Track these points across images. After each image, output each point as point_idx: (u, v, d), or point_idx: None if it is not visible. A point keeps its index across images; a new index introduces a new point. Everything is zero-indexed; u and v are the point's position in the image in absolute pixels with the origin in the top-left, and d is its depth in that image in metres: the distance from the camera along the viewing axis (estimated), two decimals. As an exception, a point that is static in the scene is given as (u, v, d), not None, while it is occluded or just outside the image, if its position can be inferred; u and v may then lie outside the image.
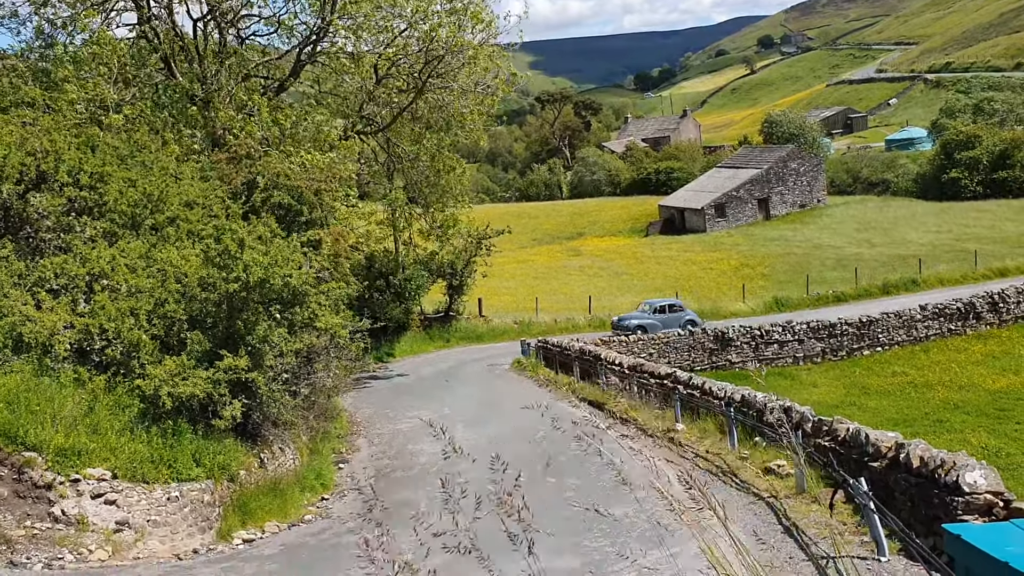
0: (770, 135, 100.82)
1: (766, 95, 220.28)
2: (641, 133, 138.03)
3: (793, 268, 57.97)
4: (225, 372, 14.60)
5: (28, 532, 11.36)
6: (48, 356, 14.13)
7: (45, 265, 15.60)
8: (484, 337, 41.26)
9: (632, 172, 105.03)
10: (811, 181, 78.37)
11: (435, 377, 32.27)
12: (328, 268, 19.71)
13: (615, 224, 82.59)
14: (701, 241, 69.55)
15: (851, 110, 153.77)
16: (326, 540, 13.17)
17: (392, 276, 37.79)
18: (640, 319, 40.22)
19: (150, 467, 12.94)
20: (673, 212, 78.89)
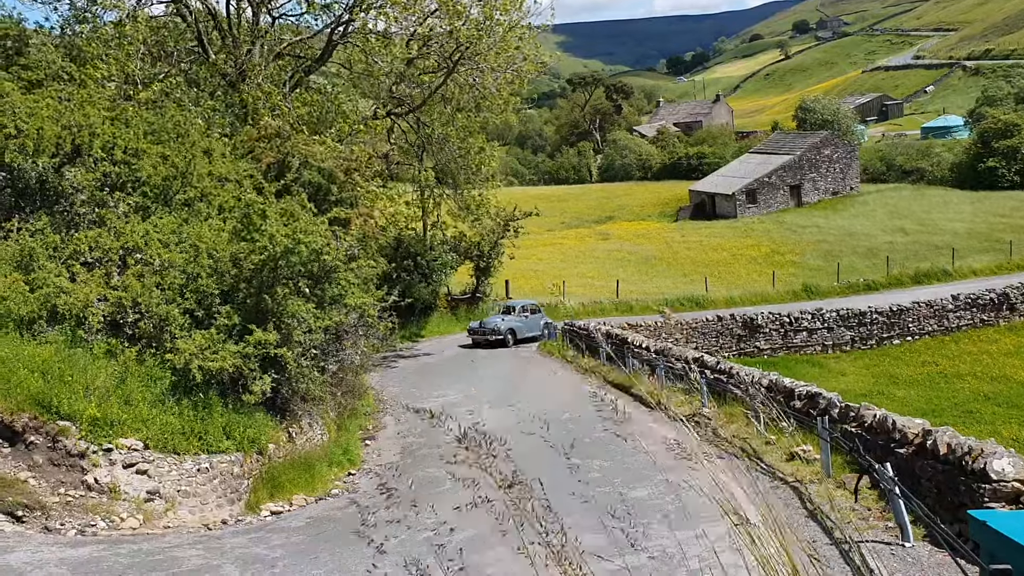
0: (803, 121, 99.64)
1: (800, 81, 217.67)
2: (673, 117, 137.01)
3: (824, 256, 57.43)
4: (255, 347, 14.78)
5: (62, 499, 11.60)
6: (82, 328, 14.38)
7: (80, 238, 15.84)
8: (511, 319, 41.34)
9: (663, 156, 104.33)
10: (844, 168, 77.45)
11: (461, 358, 32.41)
12: (357, 247, 19.82)
13: (645, 208, 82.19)
14: (731, 227, 69.04)
15: (886, 97, 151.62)
16: (353, 514, 13.31)
17: (420, 257, 37.92)
18: (511, 322, 36.09)
19: (181, 438, 13.15)
20: (704, 197, 78.35)
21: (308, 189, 21.67)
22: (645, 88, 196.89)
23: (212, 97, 26.43)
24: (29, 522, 11.04)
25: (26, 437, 12.21)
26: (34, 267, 15.00)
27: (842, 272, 50.38)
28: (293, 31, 32.48)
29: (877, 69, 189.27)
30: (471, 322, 37.43)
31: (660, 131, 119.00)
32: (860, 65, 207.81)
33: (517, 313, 36.72)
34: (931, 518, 8.21)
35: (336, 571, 9.92)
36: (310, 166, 22.54)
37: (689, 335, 36.73)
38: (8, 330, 13.99)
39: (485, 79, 30.13)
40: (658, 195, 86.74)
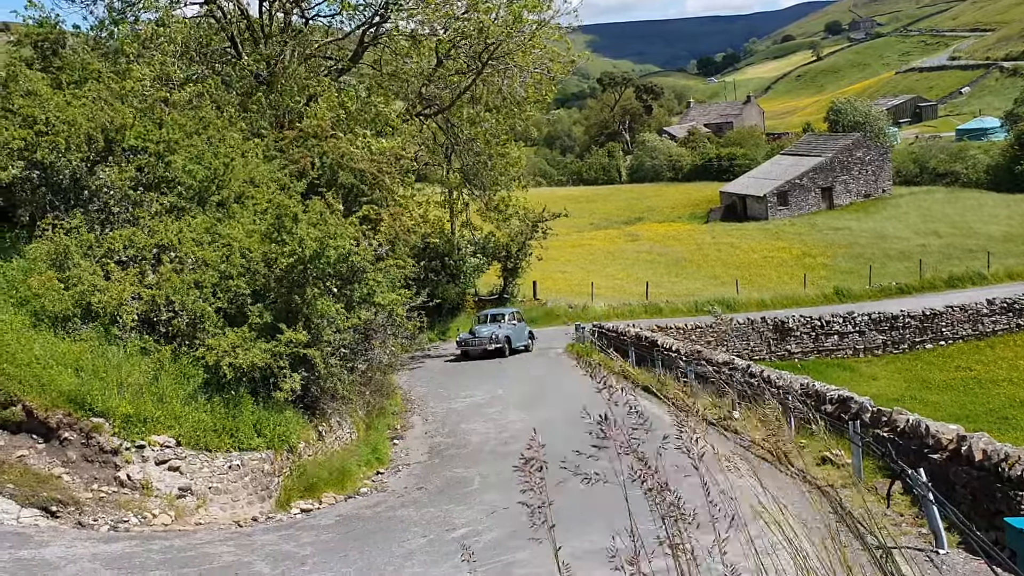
0: (835, 123, 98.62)
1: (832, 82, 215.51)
2: (703, 118, 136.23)
3: (856, 259, 56.85)
4: (285, 345, 14.88)
5: (95, 495, 11.74)
6: (116, 325, 14.56)
7: (114, 237, 16.04)
8: (538, 320, 41.27)
9: (693, 157, 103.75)
10: (876, 171, 76.58)
11: (489, 359, 32.43)
12: (386, 247, 19.91)
13: (675, 210, 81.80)
14: (763, 229, 68.52)
15: (920, 98, 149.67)
16: (381, 512, 13.37)
17: (447, 257, 38.02)
18: (506, 329, 33.22)
19: (213, 436, 13.27)
20: (734, 199, 77.84)
21: (340, 190, 21.80)
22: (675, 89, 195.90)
23: (246, 98, 26.66)
24: (63, 517, 11.18)
25: (60, 433, 12.38)
26: (68, 265, 15.20)
27: (874, 275, 49.84)
28: (324, 32, 32.68)
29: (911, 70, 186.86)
30: (460, 333, 34.81)
31: (690, 132, 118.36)
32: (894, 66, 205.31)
33: (506, 321, 33.89)
34: (966, 525, 8.08)
35: (366, 569, 9.95)
36: (343, 166, 22.68)
37: (720, 338, 36.49)
38: (43, 327, 14.19)
39: (513, 79, 30.15)
40: (688, 196, 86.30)
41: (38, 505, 11.17)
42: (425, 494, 14.51)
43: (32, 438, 12.31)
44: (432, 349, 35.35)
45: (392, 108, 29.78)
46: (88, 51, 26.35)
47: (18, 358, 13.00)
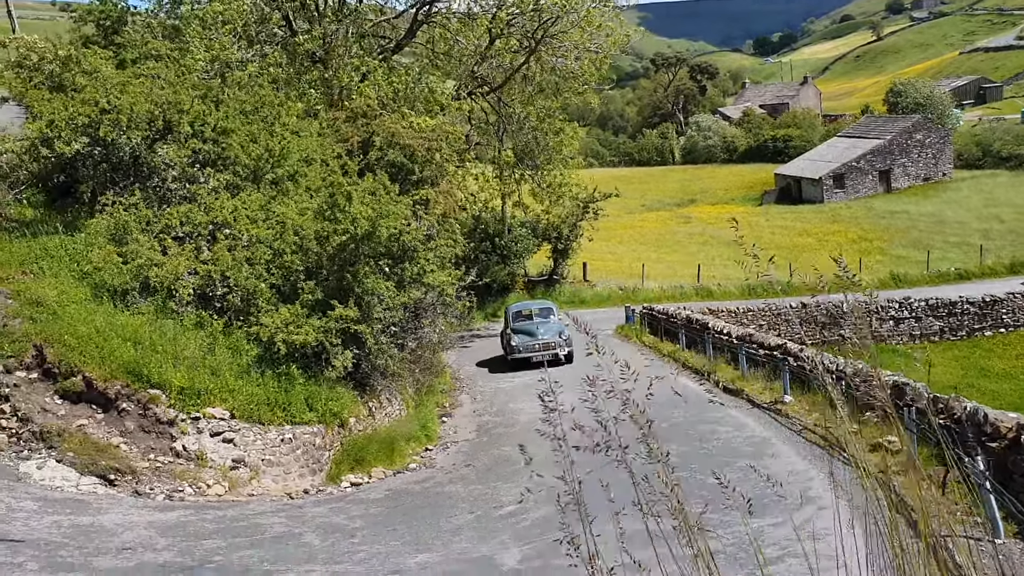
0: (895, 105, 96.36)
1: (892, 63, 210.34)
2: (759, 99, 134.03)
3: (913, 243, 55.64)
4: (336, 322, 15.04)
5: (151, 464, 12.03)
6: (172, 300, 14.87)
7: (171, 213, 16.34)
8: (588, 302, 41.15)
9: (748, 139, 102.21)
10: (937, 154, 74.70)
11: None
12: (437, 226, 19.99)
13: (728, 192, 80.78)
14: (818, 212, 67.35)
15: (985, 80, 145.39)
16: (430, 488, 13.49)
17: (498, 237, 38.03)
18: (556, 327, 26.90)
19: (265, 409, 13.50)
20: (789, 181, 76.60)
21: (390, 168, 21.91)
22: (730, 69, 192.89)
23: (300, 77, 26.89)
24: (120, 486, 11.48)
25: (119, 404, 12.69)
26: (127, 240, 15.54)
27: (932, 260, 48.74)
28: (378, 11, 32.77)
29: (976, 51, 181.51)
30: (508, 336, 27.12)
31: (745, 113, 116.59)
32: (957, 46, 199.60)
33: (539, 316, 27.53)
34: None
35: (413, 543, 10.06)
36: (394, 145, 22.79)
37: (772, 322, 36.04)
38: (103, 300, 14.54)
39: (567, 57, 29.94)
40: (742, 178, 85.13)
41: (97, 473, 11.48)
42: (473, 471, 14.61)
43: (92, 408, 12.64)
44: (482, 329, 35.44)
45: (444, 87, 29.80)
46: (149, 30, 26.78)
47: (79, 330, 13.36)
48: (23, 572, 8.14)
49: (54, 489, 10.92)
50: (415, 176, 22.98)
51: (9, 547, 8.74)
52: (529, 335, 26.55)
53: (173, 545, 9.31)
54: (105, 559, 8.71)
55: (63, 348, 13.04)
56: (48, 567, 8.34)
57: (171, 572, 8.46)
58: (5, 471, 11.12)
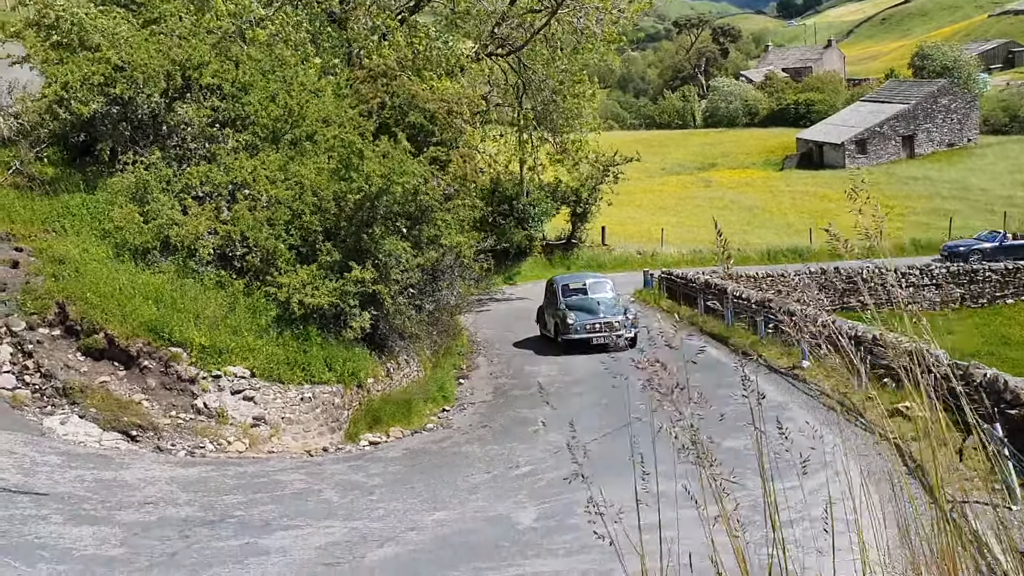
0: (920, 69, 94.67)
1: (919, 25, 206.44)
2: (781, 63, 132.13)
3: (935, 210, 55.00)
4: (354, 284, 15.10)
5: (173, 421, 12.20)
6: (193, 259, 14.96)
7: (191, 173, 16.38)
8: (606, 266, 41.02)
9: (770, 103, 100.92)
10: (962, 119, 73.50)
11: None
12: (455, 187, 19.93)
13: (749, 156, 79.96)
14: (839, 177, 66.56)
15: (1014, 43, 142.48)
16: (447, 448, 13.62)
17: (516, 201, 37.87)
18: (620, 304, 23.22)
19: (285, 368, 13.63)
20: (811, 146, 75.73)
21: (410, 130, 21.82)
22: (753, 31, 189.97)
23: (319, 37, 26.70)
24: (143, 442, 11.66)
25: (140, 361, 12.85)
26: (148, 199, 15.61)
27: (954, 227, 48.21)
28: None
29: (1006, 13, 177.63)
30: (567, 315, 22.19)
31: (768, 76, 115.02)
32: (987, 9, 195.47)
33: (596, 291, 23.37)
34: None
35: (431, 501, 10.18)
36: (413, 106, 22.67)
37: (790, 288, 35.87)
38: (124, 259, 14.66)
39: (589, 18, 29.57)
40: (764, 143, 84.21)
41: (119, 429, 11.65)
42: (489, 432, 14.71)
43: (114, 365, 12.81)
44: (499, 293, 35.44)
45: (463, 48, 29.51)
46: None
47: (101, 288, 13.49)
48: (48, 524, 8.30)
49: (77, 444, 11.09)
50: (434, 138, 22.87)
51: (34, 500, 8.91)
52: (588, 312, 22.03)
53: (194, 500, 9.47)
54: (128, 513, 8.87)
55: (85, 306, 13.18)
56: (72, 520, 8.50)
57: (193, 526, 8.61)
58: (29, 426, 11.31)
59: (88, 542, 7.98)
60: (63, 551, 7.72)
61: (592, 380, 17.85)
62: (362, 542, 8.56)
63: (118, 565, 7.53)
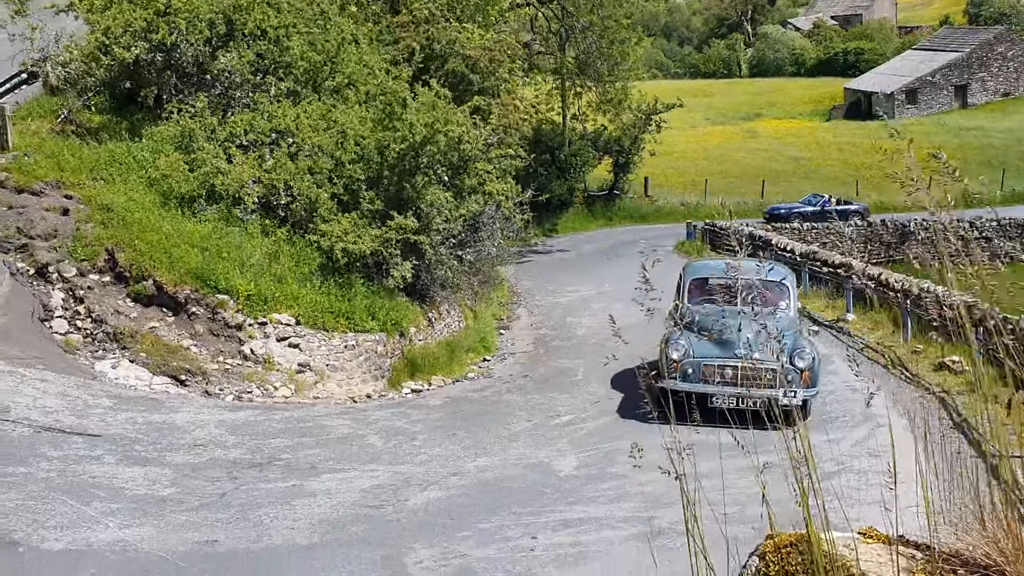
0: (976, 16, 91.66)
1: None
2: (831, 10, 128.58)
3: (988, 161, 53.57)
4: (396, 232, 15.14)
5: (221, 367, 12.43)
6: (237, 207, 15.10)
7: (235, 121, 16.46)
8: (648, 217, 40.71)
9: (818, 52, 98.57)
10: (1019, 67, 71.12)
11: (596, 255, 32.31)
12: (497, 136, 19.80)
13: (795, 106, 78.35)
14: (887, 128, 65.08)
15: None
16: (488, 396, 13.73)
17: (557, 151, 37.52)
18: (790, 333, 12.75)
19: (329, 317, 13.79)
20: (859, 96, 73.97)
21: (451, 78, 21.68)
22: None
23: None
24: (191, 386, 11.91)
25: (188, 308, 13.07)
26: (193, 148, 15.74)
27: (1007, 179, 46.98)
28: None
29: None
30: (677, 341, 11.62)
31: (816, 24, 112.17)
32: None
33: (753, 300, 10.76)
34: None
35: (473, 447, 10.31)
36: (454, 54, 22.49)
37: (836, 240, 35.33)
38: (170, 207, 14.84)
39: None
40: (811, 92, 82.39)
41: (168, 374, 11.91)
42: (530, 382, 14.80)
43: (162, 311, 13.05)
44: (540, 244, 35.36)
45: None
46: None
47: (149, 236, 13.70)
48: (101, 465, 8.55)
49: (128, 388, 11.37)
50: (476, 87, 22.72)
51: (87, 441, 9.17)
52: (718, 345, 11.53)
53: (242, 443, 9.68)
54: (178, 455, 9.10)
55: (134, 253, 13.41)
56: (124, 460, 8.74)
57: (241, 468, 8.81)
58: (81, 369, 11.60)
59: (140, 482, 8.20)
60: (116, 490, 7.95)
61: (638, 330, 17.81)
62: (405, 486, 8.71)
63: (169, 505, 7.74)
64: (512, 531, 7.62)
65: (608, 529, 7.58)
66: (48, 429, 9.31)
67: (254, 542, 7.10)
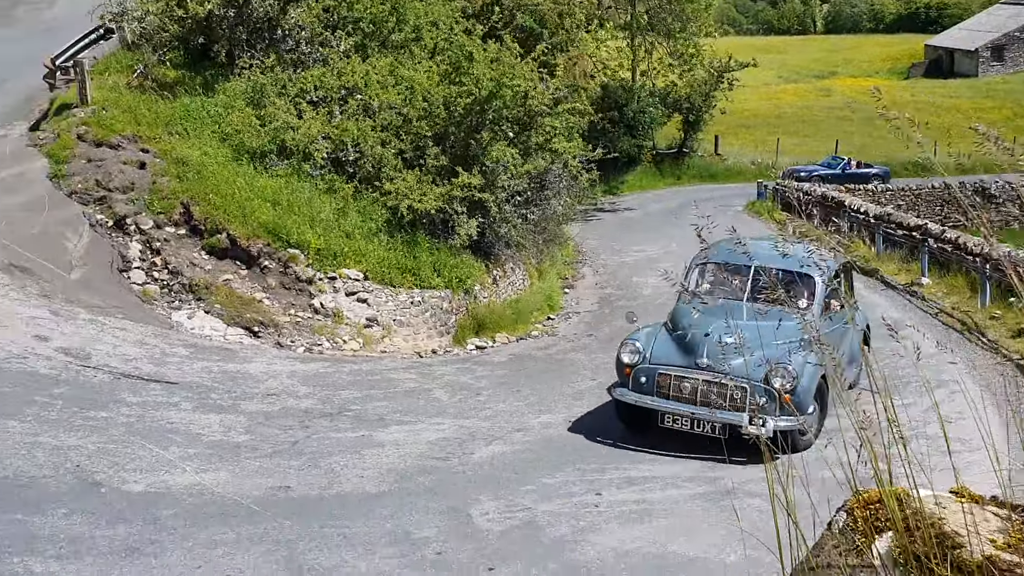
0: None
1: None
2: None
3: (1079, 121, 51.36)
4: (460, 189, 15.15)
5: (292, 319, 12.70)
6: (307, 163, 15.27)
7: (305, 77, 16.59)
8: (718, 176, 40.05)
9: (898, 7, 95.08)
10: (1115, 21, 67.68)
11: (663, 214, 31.93)
12: (564, 93, 19.58)
13: (873, 64, 75.88)
14: (970, 86, 62.67)
15: None
16: (552, 355, 13.77)
17: (625, 108, 37.01)
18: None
19: (396, 272, 13.94)
20: (941, 53, 71.24)
21: (519, 32, 21.47)
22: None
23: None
24: (264, 337, 12.20)
25: (260, 262, 13.35)
26: (265, 103, 15.93)
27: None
28: None
29: None
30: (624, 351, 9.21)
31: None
32: None
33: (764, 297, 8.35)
34: None
35: (536, 404, 10.38)
36: (522, 8, 22.25)
37: (912, 202, 34.36)
38: (243, 162, 15.09)
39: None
40: (889, 49, 79.63)
41: (242, 325, 12.22)
42: (595, 341, 14.77)
43: (236, 264, 13.36)
44: (606, 203, 35.09)
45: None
46: None
47: (222, 190, 13.99)
48: (179, 411, 8.84)
49: (203, 338, 11.70)
50: (544, 42, 22.46)
51: (165, 388, 9.49)
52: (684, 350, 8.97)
53: (313, 394, 9.91)
54: (252, 403, 9.36)
55: (208, 207, 13.71)
56: (201, 407, 9.03)
57: (312, 418, 9.03)
58: (158, 319, 11.97)
59: (216, 429, 8.47)
60: (193, 436, 8.23)
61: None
62: (471, 439, 8.83)
63: (244, 451, 7.98)
64: (576, 487, 7.68)
65: (673, 488, 7.59)
66: (127, 376, 9.66)
67: (325, 489, 7.30)
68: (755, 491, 7.09)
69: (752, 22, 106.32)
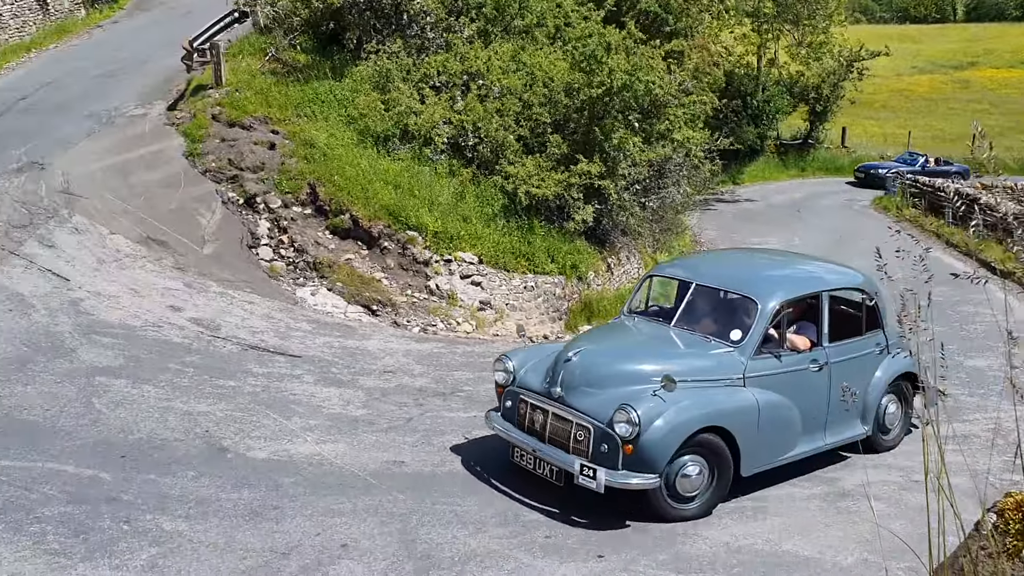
0: None
1: None
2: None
3: None
4: (579, 176, 15.10)
5: (408, 300, 12.95)
6: (428, 147, 15.52)
7: (429, 62, 16.84)
8: (844, 169, 38.68)
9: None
10: None
11: (786, 206, 31.09)
12: (689, 81, 19.23)
13: (1016, 54, 71.64)
14: None
15: None
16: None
17: (750, 96, 36.12)
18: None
19: (510, 257, 14.03)
20: (1095, 42, 66.75)
21: (643, 19, 21.19)
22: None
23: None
24: (382, 316, 12.49)
25: (380, 242, 13.65)
26: (390, 88, 16.25)
27: None
28: None
29: None
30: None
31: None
32: None
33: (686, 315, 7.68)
34: None
35: (649, 393, 10.25)
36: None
37: None
38: (367, 145, 15.45)
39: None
40: (1036, 39, 75.12)
41: (361, 303, 12.54)
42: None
43: (357, 244, 13.72)
44: (727, 193, 34.38)
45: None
46: None
47: (347, 172, 14.37)
48: (301, 384, 9.16)
49: (325, 314, 12.06)
50: (669, 27, 22.10)
51: (289, 361, 9.83)
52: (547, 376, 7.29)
53: (427, 373, 10.09)
54: (369, 379, 9.60)
55: (333, 188, 14.11)
56: (321, 380, 9.32)
57: (426, 396, 9.19)
58: (284, 294, 12.40)
59: (335, 402, 8.73)
60: (314, 408, 8.51)
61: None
62: (582, 426, 8.79)
63: (361, 425, 8.20)
64: (689, 480, 7.56)
65: (789, 486, 7.40)
66: (254, 348, 10.06)
67: (437, 466, 7.43)
68: (876, 494, 6.86)
69: (886, 9, 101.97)
